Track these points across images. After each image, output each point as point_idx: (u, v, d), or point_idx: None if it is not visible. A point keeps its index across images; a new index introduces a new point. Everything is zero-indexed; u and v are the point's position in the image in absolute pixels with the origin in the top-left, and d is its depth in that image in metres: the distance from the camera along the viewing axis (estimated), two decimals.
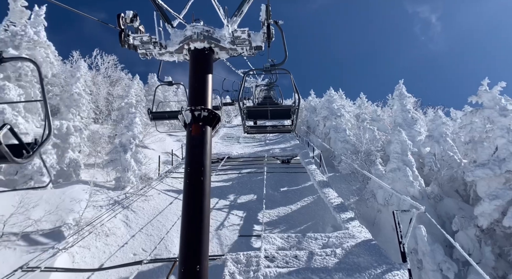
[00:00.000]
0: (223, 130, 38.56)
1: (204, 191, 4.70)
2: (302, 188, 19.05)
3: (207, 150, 5.09)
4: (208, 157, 4.75)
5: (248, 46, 6.25)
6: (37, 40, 16.13)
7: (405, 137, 14.03)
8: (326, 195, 12.77)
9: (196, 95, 5.28)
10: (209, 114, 4.66)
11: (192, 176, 4.30)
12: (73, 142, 16.55)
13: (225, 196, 17.74)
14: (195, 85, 5.49)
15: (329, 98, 26.64)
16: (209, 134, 4.88)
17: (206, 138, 4.84)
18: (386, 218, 13.33)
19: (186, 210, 4.32)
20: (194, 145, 4.96)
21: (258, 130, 7.72)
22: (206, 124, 4.73)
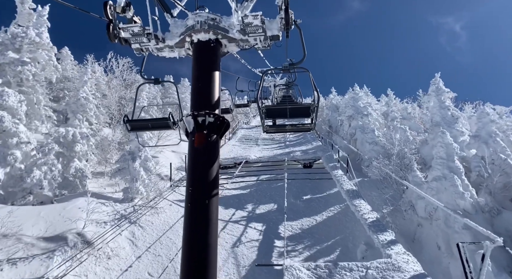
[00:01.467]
0: (241, 132, 37.13)
1: (209, 217, 3.66)
2: (327, 196, 17.27)
3: (214, 165, 4.04)
4: (215, 173, 3.94)
5: (262, 36, 5.18)
6: (39, 42, 15.15)
7: (450, 139, 12.05)
8: (357, 208, 11.03)
9: (200, 98, 4.52)
10: (216, 120, 3.99)
11: (195, 198, 3.58)
12: (79, 150, 15.44)
13: (242, 206, 16.21)
14: (198, 85, 4.63)
15: (354, 96, 24.64)
16: (216, 144, 4.15)
17: (212, 149, 4.09)
18: (429, 234, 11.42)
19: (187, 243, 3.34)
20: (197, 158, 4.01)
21: (277, 129, 7.34)
22: (212, 133, 4.05)
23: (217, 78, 4.88)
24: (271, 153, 25.50)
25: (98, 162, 18.27)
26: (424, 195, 8.46)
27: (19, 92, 13.86)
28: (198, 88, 4.69)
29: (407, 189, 13.15)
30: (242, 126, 41.69)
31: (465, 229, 9.49)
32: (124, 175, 15.06)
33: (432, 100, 16.05)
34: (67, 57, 31.70)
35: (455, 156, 11.62)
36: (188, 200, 3.63)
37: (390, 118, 21.27)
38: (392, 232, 8.63)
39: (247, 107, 18.83)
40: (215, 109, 4.53)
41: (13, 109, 13.15)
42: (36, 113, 14.51)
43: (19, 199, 11.98)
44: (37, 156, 13.00)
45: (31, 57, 14.55)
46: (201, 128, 4.06)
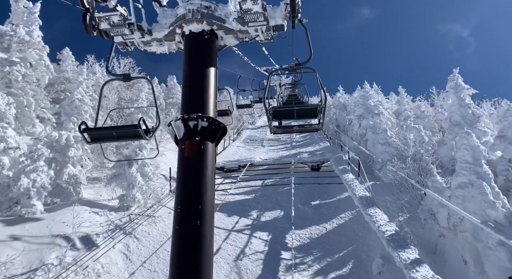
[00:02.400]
0: (246, 132, 36.16)
1: (202, 242, 3.03)
2: (337, 201, 16.19)
3: (208, 178, 3.36)
4: (210, 188, 3.29)
5: (264, 26, 4.53)
6: (30, 41, 14.28)
7: (477, 141, 10.86)
8: (373, 218, 9.95)
9: (191, 98, 3.87)
10: (211, 124, 3.41)
11: (185, 219, 3.01)
12: (73, 155, 14.55)
13: (246, 213, 15.20)
14: (190, 84, 3.97)
15: (364, 94, 23.43)
16: (210, 153, 3.47)
17: (206, 159, 3.40)
18: (453, 246, 10.29)
19: (175, 274, 2.86)
20: (188, 170, 3.33)
21: (284, 130, 7.01)
22: (206, 139, 3.43)
23: (213, 76, 4.17)
24: (277, 155, 24.49)
25: (94, 166, 17.40)
26: (448, 204, 7.39)
27: (7, 95, 13.00)
28: (190, 88, 3.98)
29: (425, 195, 12.00)
30: (247, 127, 40.73)
31: (500, 245, 8.38)
32: (120, 181, 14.15)
33: (450, 98, 14.85)
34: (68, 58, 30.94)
35: (482, 160, 10.47)
36: (177, 221, 3.00)
37: (403, 118, 20.05)
38: (415, 250, 7.55)
39: (249, 108, 17.84)
40: (210, 112, 3.85)
41: (1, 113, 12.29)
42: (27, 116, 13.64)
43: (5, 210, 11.11)
44: (25, 162, 12.13)
45: (21, 57, 13.71)
46: (192, 135, 3.43)
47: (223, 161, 21.91)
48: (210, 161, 3.72)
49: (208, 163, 3.54)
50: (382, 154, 17.62)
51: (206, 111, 3.78)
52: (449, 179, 11.46)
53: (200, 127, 3.49)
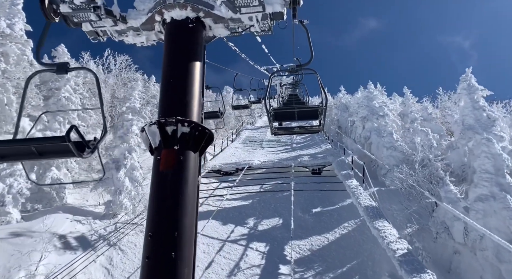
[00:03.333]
0: (245, 133, 35.17)
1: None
2: (340, 208, 15.19)
3: (187, 197, 2.61)
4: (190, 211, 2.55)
5: (259, 13, 3.83)
6: (11, 34, 13.29)
7: (499, 148, 9.85)
8: (381, 233, 8.95)
9: (171, 99, 3.15)
10: (193, 130, 2.72)
11: (157, 250, 2.29)
12: None
13: (243, 221, 14.21)
14: (170, 82, 3.25)
15: (368, 95, 22.39)
16: (192, 165, 2.74)
17: (187, 174, 2.65)
18: (470, 265, 9.28)
19: None
20: (163, 188, 2.58)
21: (285, 131, 7.12)
22: (186, 148, 2.72)
23: (198, 72, 3.46)
24: (277, 157, 23.46)
25: (84, 169, 16.41)
26: (466, 219, 6.41)
27: None
28: (169, 86, 3.28)
29: (437, 206, 11.00)
30: (247, 127, 39.73)
31: None
32: (108, 186, 13.16)
33: (462, 100, 13.83)
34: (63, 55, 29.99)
35: (505, 169, 9.47)
36: (146, 252, 2.36)
37: (410, 120, 19.03)
38: (433, 275, 6.55)
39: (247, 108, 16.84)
40: (194, 115, 3.19)
41: None
42: (7, 115, 12.66)
43: None
44: (0, 166, 11.15)
45: (1, 52, 12.74)
46: (170, 143, 2.79)
47: (220, 163, 20.94)
48: (191, 175, 2.89)
49: (189, 178, 2.82)
50: (387, 158, 16.61)
51: (189, 114, 3.09)
52: (464, 188, 10.48)
53: (180, 133, 2.83)
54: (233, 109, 15.57)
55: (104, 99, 23.58)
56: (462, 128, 13.26)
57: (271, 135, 32.65)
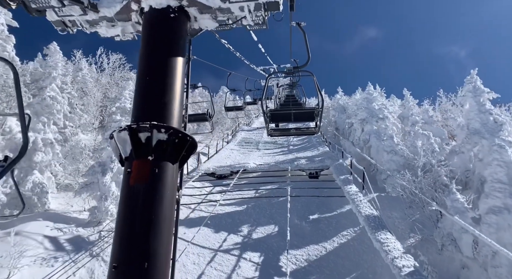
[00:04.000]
0: (241, 134, 34.47)
1: None
2: (338, 215, 14.51)
3: (162, 218, 2.16)
4: (165, 236, 2.13)
5: (252, 3, 3.33)
6: None
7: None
8: (384, 247, 8.28)
9: (146, 100, 2.56)
10: (172, 137, 2.27)
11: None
12: (40, 160, 12.81)
13: (236, 228, 13.50)
14: (146, 80, 2.67)
15: (367, 96, 21.73)
16: (170, 179, 2.27)
17: (163, 189, 2.20)
18: None
19: None
20: (133, 207, 2.10)
21: (281, 133, 7.35)
22: (163, 159, 2.28)
23: (181, 69, 2.99)
24: (273, 160, 22.77)
25: (70, 172, 15.63)
26: (476, 232, 5.76)
27: None
28: (145, 85, 2.79)
29: (441, 215, 10.36)
30: (243, 128, 39.03)
31: None
32: (93, 191, 12.42)
33: (467, 102, 13.22)
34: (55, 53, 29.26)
35: None
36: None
37: (410, 123, 18.41)
38: None
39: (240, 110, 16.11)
40: (174, 119, 2.72)
41: None
42: None
43: None
44: None
45: None
46: (143, 152, 2.30)
47: (214, 166, 20.24)
48: (169, 191, 2.40)
49: (165, 194, 2.34)
50: (388, 162, 15.97)
51: (167, 118, 2.63)
52: (471, 197, 9.84)
53: (156, 141, 2.37)
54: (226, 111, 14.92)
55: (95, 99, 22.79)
56: (467, 132, 12.64)
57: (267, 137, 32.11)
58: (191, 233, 12.71)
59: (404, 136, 19.51)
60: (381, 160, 16.60)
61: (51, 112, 14.22)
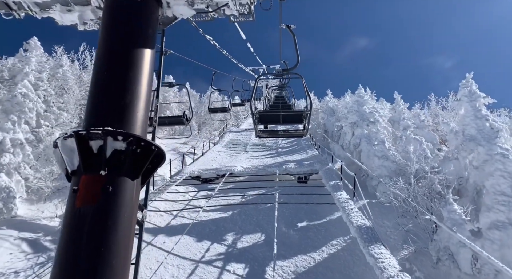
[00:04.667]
0: (229, 136, 33.70)
1: None
2: (327, 223, 13.88)
3: (117, 251, 1.86)
4: (120, 273, 1.85)
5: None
6: None
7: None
8: (378, 263, 7.65)
9: (101, 100, 2.26)
10: (132, 146, 1.98)
11: None
12: (8, 162, 11.81)
13: (220, 237, 12.73)
14: (103, 75, 2.34)
15: (358, 99, 21.23)
16: (128, 199, 1.98)
17: (119, 212, 1.91)
18: None
19: None
20: (77, 238, 1.79)
21: (270, 134, 7.62)
22: (120, 174, 1.96)
23: (148, 63, 2.58)
24: (261, 163, 22.09)
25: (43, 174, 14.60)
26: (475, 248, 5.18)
27: None
28: (102, 82, 2.36)
29: (436, 226, 9.81)
30: (231, 129, 38.27)
31: None
32: (66, 196, 11.45)
33: (463, 107, 12.76)
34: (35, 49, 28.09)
35: None
36: None
37: (402, 127, 17.96)
38: None
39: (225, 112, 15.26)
40: (136, 124, 2.24)
41: None
42: None
43: None
44: None
45: None
46: (94, 165, 1.90)
47: (200, 169, 19.43)
48: (126, 214, 1.99)
49: (120, 219, 1.93)
50: (379, 168, 15.45)
51: (128, 123, 2.22)
52: (469, 209, 9.32)
53: (111, 151, 1.97)
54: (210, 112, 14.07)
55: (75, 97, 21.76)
56: (462, 139, 12.18)
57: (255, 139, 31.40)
58: (172, 242, 11.90)
59: (395, 141, 19.08)
60: (372, 165, 16.08)
61: (22, 110, 13.20)
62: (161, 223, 13.44)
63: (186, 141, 29.85)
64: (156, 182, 17.55)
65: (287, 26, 6.63)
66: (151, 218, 13.53)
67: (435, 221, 7.24)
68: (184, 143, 28.87)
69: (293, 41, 6.46)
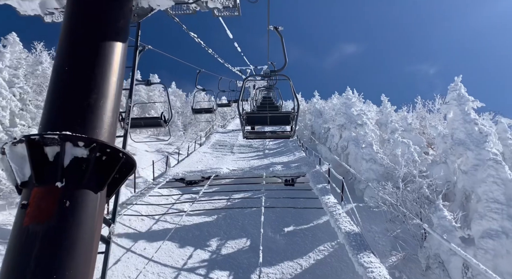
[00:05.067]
0: (215, 136, 33.17)
1: None
2: (315, 228, 13.59)
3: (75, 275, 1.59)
4: None
5: None
6: None
7: (510, 173, 8.54)
8: (368, 273, 7.34)
9: (61, 100, 1.97)
10: (96, 153, 1.75)
11: None
12: None
13: (204, 242, 12.25)
14: (65, 71, 2.04)
15: (346, 102, 21.04)
16: (89, 216, 1.75)
17: (79, 232, 1.66)
18: None
19: None
20: (23, 264, 1.48)
21: (257, 136, 7.77)
22: (80, 186, 1.71)
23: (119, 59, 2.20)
24: (247, 164, 21.66)
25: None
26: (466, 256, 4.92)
27: None
28: (62, 79, 2.01)
29: (425, 231, 9.59)
30: (217, 130, 37.73)
31: None
32: None
33: (452, 111, 12.63)
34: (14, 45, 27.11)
35: None
36: None
37: (390, 130, 17.84)
38: None
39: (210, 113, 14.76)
40: (103, 128, 1.96)
41: None
42: None
43: None
44: None
45: None
46: (48, 176, 1.65)
47: (184, 171, 18.88)
48: (88, 233, 1.69)
49: (79, 239, 1.63)
50: (367, 171, 15.24)
51: (92, 127, 1.90)
52: (459, 215, 9.12)
53: (71, 159, 1.68)
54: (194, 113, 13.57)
55: None
56: (451, 143, 12.04)
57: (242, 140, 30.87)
58: (153, 248, 11.36)
59: (382, 143, 18.95)
60: (360, 168, 15.87)
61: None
62: (142, 228, 12.87)
63: (171, 141, 29.18)
64: (138, 185, 16.94)
65: (275, 27, 6.66)
66: (132, 222, 12.95)
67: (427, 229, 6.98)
68: (168, 143, 28.19)
69: (281, 43, 6.47)
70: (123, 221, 12.69)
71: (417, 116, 24.67)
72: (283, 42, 6.54)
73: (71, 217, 1.60)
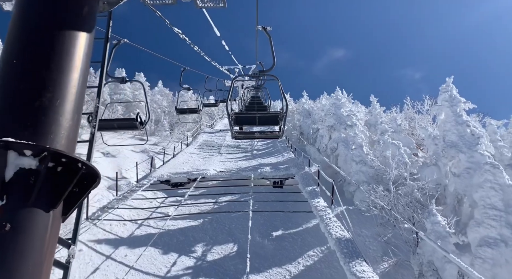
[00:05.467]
0: (203, 137, 32.59)
1: None
2: (304, 232, 13.20)
3: None
4: None
5: None
6: None
7: (507, 178, 8.27)
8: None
9: (6, 99, 1.58)
10: (47, 164, 1.39)
11: None
12: None
13: (189, 248, 11.72)
14: (12, 64, 1.66)
15: (335, 102, 20.75)
16: (38, 241, 1.36)
17: (22, 262, 1.26)
18: None
19: None
20: None
21: (245, 136, 7.55)
22: (28, 205, 1.34)
23: (82, 51, 1.86)
24: (235, 166, 21.18)
25: None
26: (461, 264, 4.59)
27: None
28: (8, 76, 1.63)
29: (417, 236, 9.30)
30: (205, 130, 37.14)
31: None
32: None
33: (443, 112, 12.42)
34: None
35: None
36: None
37: (380, 131, 17.62)
38: None
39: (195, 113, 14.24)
40: (60, 132, 1.60)
41: None
42: None
43: None
44: None
45: None
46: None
47: (169, 172, 18.29)
48: (34, 259, 1.38)
49: (23, 269, 1.32)
50: (357, 173, 14.95)
51: (45, 132, 1.57)
52: (453, 220, 8.86)
53: (15, 171, 1.40)
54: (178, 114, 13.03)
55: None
56: (443, 145, 11.82)
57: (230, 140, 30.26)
58: (134, 255, 10.78)
59: (372, 145, 18.72)
60: (350, 170, 15.57)
61: None
62: (123, 233, 12.26)
63: (157, 141, 28.45)
64: (121, 187, 16.27)
65: (263, 27, 6.68)
66: (113, 227, 12.32)
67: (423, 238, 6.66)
68: (154, 143, 27.47)
69: (269, 43, 6.51)
70: (103, 226, 12.06)
71: (406, 118, 24.62)
72: (272, 42, 6.55)
73: (12, 241, 1.28)
